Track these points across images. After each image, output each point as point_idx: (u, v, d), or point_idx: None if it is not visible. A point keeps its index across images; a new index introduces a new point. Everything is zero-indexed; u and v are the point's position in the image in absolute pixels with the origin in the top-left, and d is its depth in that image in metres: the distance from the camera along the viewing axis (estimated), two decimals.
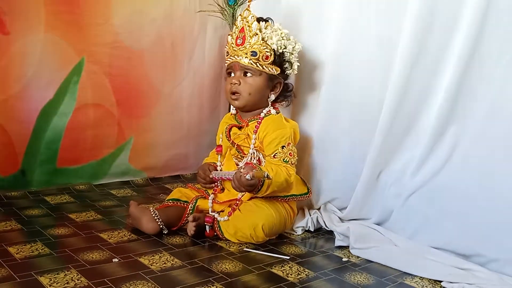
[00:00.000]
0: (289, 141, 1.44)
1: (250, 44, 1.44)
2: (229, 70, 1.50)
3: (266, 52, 1.45)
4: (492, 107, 1.31)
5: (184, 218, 1.42)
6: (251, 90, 1.47)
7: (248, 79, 1.47)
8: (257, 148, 1.47)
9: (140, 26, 1.81)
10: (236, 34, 1.47)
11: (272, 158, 1.43)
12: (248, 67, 1.45)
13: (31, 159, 1.65)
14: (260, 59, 1.44)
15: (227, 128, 1.51)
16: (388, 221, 1.51)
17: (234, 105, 1.51)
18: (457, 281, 1.20)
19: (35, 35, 1.58)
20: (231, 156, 1.53)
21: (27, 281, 1.04)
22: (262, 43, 1.44)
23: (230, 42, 1.49)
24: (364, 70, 1.54)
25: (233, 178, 1.34)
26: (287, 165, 1.41)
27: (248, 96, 1.47)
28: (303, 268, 1.25)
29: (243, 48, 1.44)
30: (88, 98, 1.73)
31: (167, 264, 1.19)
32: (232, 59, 1.47)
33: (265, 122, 1.47)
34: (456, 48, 1.34)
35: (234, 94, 1.48)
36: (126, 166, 1.88)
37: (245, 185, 1.31)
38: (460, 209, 1.35)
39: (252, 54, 1.44)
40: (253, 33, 1.44)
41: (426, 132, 1.42)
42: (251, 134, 1.47)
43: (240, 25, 1.46)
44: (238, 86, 1.46)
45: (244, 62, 1.44)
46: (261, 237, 1.36)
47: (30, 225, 1.38)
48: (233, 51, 1.47)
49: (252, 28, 1.44)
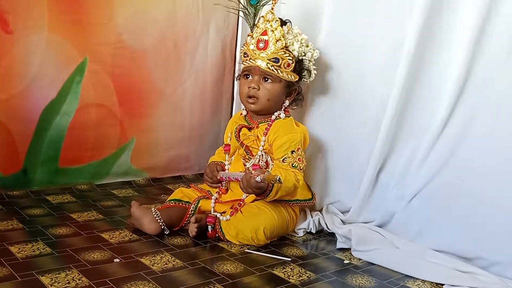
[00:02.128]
0: (298, 146, 1.44)
1: (273, 49, 1.42)
2: (246, 73, 1.48)
3: (288, 60, 1.44)
4: (495, 109, 1.30)
5: (186, 218, 1.41)
6: (270, 96, 1.46)
7: (267, 85, 1.46)
8: (265, 150, 1.47)
9: (142, 27, 1.81)
10: (257, 36, 1.44)
11: (281, 163, 1.42)
12: (269, 73, 1.44)
13: (33, 159, 1.65)
14: (281, 66, 1.43)
15: (237, 129, 1.50)
16: (390, 223, 1.51)
17: (249, 109, 1.50)
18: (459, 284, 1.20)
19: (38, 34, 1.58)
20: (240, 157, 1.52)
21: (28, 281, 1.04)
22: (286, 50, 1.43)
23: (250, 44, 1.46)
24: (370, 72, 1.53)
25: (242, 178, 1.33)
26: (296, 170, 1.41)
27: (266, 102, 1.46)
28: (305, 270, 1.24)
29: (265, 53, 1.43)
30: (91, 98, 1.73)
31: (168, 264, 1.19)
32: (252, 62, 1.44)
33: (275, 125, 1.46)
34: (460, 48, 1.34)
35: (251, 98, 1.46)
36: (128, 166, 1.88)
37: (254, 187, 1.30)
38: (462, 212, 1.34)
39: (275, 61, 1.42)
40: (277, 39, 1.42)
41: (428, 134, 1.42)
42: (260, 136, 1.47)
43: (263, 27, 1.44)
44: (257, 91, 1.45)
45: (266, 68, 1.43)
46: (262, 240, 1.36)
47: (32, 224, 1.38)
48: (254, 54, 1.44)
49: (275, 33, 1.42)
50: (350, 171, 1.60)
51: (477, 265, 1.28)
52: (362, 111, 1.56)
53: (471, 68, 1.33)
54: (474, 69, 1.32)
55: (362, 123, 1.56)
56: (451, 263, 1.30)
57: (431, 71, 1.41)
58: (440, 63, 1.39)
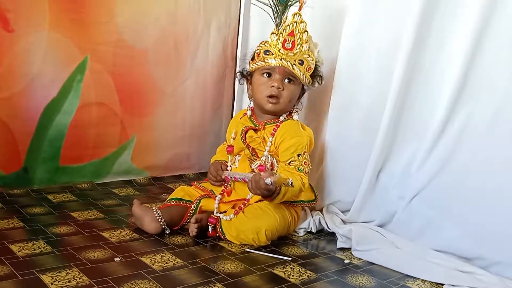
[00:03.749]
0: (305, 149, 1.44)
1: (299, 51, 1.43)
2: (268, 71, 1.46)
3: (311, 64, 1.45)
4: (495, 109, 1.30)
5: (186, 218, 1.41)
6: (291, 97, 1.47)
7: (290, 86, 1.46)
8: (271, 153, 1.46)
9: (144, 25, 1.81)
10: (283, 36, 1.43)
11: (287, 165, 1.42)
12: (294, 74, 1.44)
13: (34, 157, 1.65)
14: (304, 69, 1.44)
15: (243, 131, 1.49)
16: (391, 223, 1.51)
17: (268, 108, 1.47)
18: (459, 284, 1.20)
19: (39, 33, 1.58)
20: (246, 157, 1.51)
21: (29, 279, 1.04)
22: (310, 54, 1.44)
23: (275, 42, 1.44)
24: (370, 74, 1.53)
25: (251, 179, 1.32)
26: (301, 174, 1.41)
27: (288, 103, 1.47)
28: (305, 269, 1.24)
29: (292, 54, 1.42)
30: (92, 96, 1.73)
31: (169, 263, 1.19)
32: (276, 62, 1.43)
33: (283, 127, 1.46)
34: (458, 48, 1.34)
35: (273, 98, 1.45)
36: (128, 165, 1.89)
37: (262, 189, 1.29)
38: (462, 212, 1.34)
39: (300, 63, 1.43)
40: (304, 41, 1.43)
41: (429, 134, 1.42)
42: (267, 137, 1.47)
43: (290, 28, 1.43)
44: (281, 91, 1.45)
45: (293, 69, 1.43)
46: (264, 241, 1.35)
47: (32, 223, 1.38)
48: (279, 54, 1.43)
49: (303, 36, 1.42)
50: (350, 171, 1.60)
51: (477, 265, 1.28)
52: (362, 111, 1.56)
53: (471, 69, 1.32)
54: (474, 70, 1.32)
55: (362, 123, 1.56)
56: (451, 263, 1.30)
57: (431, 71, 1.41)
58: (439, 63, 1.39)
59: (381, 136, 1.47)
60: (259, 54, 1.47)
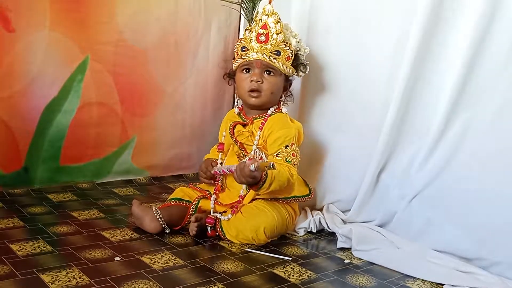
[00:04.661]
0: (293, 141, 1.43)
1: (274, 42, 1.43)
2: (247, 67, 1.47)
3: (288, 53, 1.45)
4: (496, 110, 1.30)
5: (187, 218, 1.41)
6: (273, 89, 1.46)
7: (270, 78, 1.46)
8: (260, 147, 1.46)
9: (144, 25, 1.81)
10: (257, 30, 1.44)
11: (275, 157, 1.42)
12: (272, 66, 1.44)
13: (34, 157, 1.65)
14: (282, 59, 1.44)
15: (231, 126, 1.50)
16: (391, 223, 1.51)
17: (251, 103, 1.48)
18: (460, 284, 1.19)
19: (40, 33, 1.58)
20: (234, 153, 1.51)
21: (29, 279, 1.04)
22: (287, 44, 1.45)
23: (249, 38, 1.45)
24: (372, 72, 1.53)
25: (236, 168, 1.31)
26: (289, 165, 1.40)
27: (270, 95, 1.47)
28: (305, 269, 1.24)
29: (269, 46, 1.43)
30: (92, 96, 1.73)
31: (169, 263, 1.19)
32: (253, 56, 1.44)
33: (271, 120, 1.46)
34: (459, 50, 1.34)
35: (254, 92, 1.46)
36: (129, 165, 1.89)
37: (247, 176, 1.28)
38: (463, 212, 1.34)
39: (276, 53, 1.43)
40: (278, 32, 1.43)
41: (430, 135, 1.42)
42: (255, 131, 1.47)
43: (262, 21, 1.44)
44: (261, 84, 1.45)
45: (269, 60, 1.43)
46: (263, 239, 1.35)
47: (33, 222, 1.38)
48: (255, 48, 1.44)
49: (276, 27, 1.43)
50: (351, 171, 1.60)
51: (478, 265, 1.28)
52: (363, 111, 1.56)
53: (472, 70, 1.32)
54: (475, 71, 1.32)
55: (364, 123, 1.56)
56: (451, 263, 1.30)
57: (433, 73, 1.41)
58: (442, 64, 1.39)
59: (383, 136, 1.47)
60: (237, 52, 1.49)
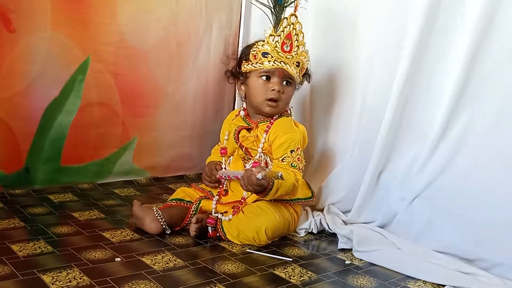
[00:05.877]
0: (298, 145, 1.43)
1: (297, 53, 1.42)
2: (267, 74, 1.44)
3: (306, 65, 1.46)
4: (497, 111, 1.30)
5: (187, 218, 1.41)
6: (289, 99, 1.48)
7: (288, 88, 1.46)
8: (265, 151, 1.46)
9: (145, 26, 1.81)
10: (282, 39, 1.41)
11: (280, 162, 1.42)
12: (293, 77, 1.44)
13: (35, 157, 1.65)
14: (300, 70, 1.45)
15: (236, 131, 1.49)
16: (392, 224, 1.51)
17: (266, 111, 1.46)
18: (460, 285, 1.19)
19: (41, 33, 1.58)
20: (239, 157, 1.51)
21: (30, 279, 1.04)
22: (306, 55, 1.45)
23: (273, 45, 1.41)
24: (373, 74, 1.53)
25: (243, 176, 1.32)
26: (295, 170, 1.40)
27: (285, 105, 1.48)
28: (306, 270, 1.24)
29: (291, 56, 1.42)
30: (93, 97, 1.73)
31: (170, 264, 1.19)
32: (277, 65, 1.41)
33: (276, 124, 1.46)
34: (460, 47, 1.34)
35: (273, 102, 1.44)
36: (129, 166, 1.89)
37: (255, 184, 1.29)
38: (464, 213, 1.34)
39: (297, 65, 1.43)
40: (301, 43, 1.42)
41: (431, 136, 1.42)
42: (260, 135, 1.46)
43: (287, 30, 1.41)
44: (281, 94, 1.45)
45: (292, 72, 1.42)
46: (264, 240, 1.35)
47: (33, 223, 1.38)
48: (279, 57, 1.41)
49: (299, 37, 1.42)
50: (351, 172, 1.60)
51: (479, 266, 1.28)
52: (364, 111, 1.56)
53: (473, 71, 1.32)
54: (475, 72, 1.32)
55: (364, 124, 1.56)
56: (452, 264, 1.30)
57: (433, 73, 1.41)
58: (441, 65, 1.39)
59: (383, 137, 1.47)
60: (255, 56, 1.44)
